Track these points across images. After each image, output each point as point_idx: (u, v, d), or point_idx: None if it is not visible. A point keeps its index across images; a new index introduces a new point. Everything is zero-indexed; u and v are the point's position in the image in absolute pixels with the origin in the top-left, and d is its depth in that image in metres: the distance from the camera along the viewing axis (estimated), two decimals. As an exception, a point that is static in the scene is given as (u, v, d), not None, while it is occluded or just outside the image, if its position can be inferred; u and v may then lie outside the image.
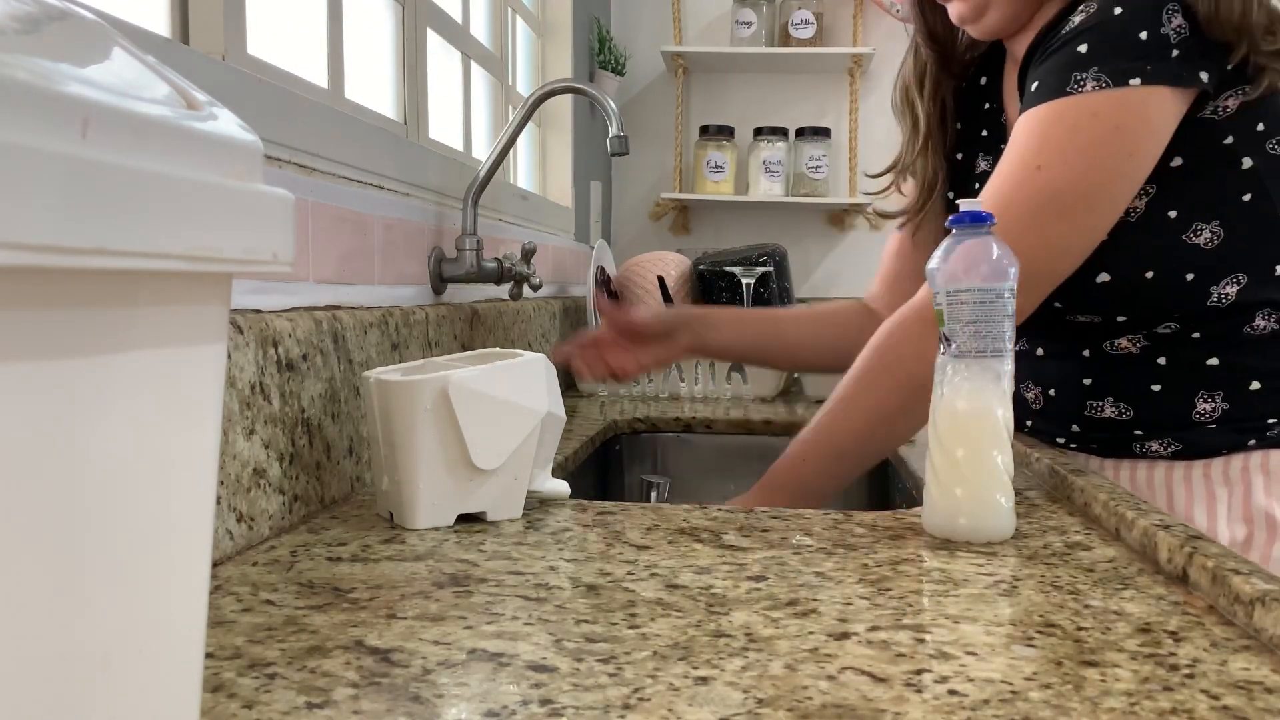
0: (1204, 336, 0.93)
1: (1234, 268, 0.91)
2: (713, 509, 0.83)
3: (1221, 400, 0.93)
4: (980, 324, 0.72)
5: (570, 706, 0.44)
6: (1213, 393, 0.94)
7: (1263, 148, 0.90)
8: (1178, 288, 0.92)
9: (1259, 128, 0.90)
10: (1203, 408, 0.94)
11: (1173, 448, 0.96)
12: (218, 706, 0.44)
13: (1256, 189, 0.90)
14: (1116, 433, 0.99)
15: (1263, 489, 0.92)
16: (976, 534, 0.73)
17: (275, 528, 0.74)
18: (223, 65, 0.82)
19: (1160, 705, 0.45)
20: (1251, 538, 0.92)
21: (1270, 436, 0.93)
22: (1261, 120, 0.90)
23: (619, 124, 1.23)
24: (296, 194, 0.47)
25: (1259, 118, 0.89)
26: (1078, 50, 0.86)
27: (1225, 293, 0.91)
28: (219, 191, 0.30)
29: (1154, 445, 0.97)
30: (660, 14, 2.79)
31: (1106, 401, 0.99)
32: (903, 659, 0.50)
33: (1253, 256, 0.91)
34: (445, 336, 1.16)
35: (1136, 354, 0.96)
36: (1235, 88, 0.88)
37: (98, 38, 0.31)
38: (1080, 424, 1.01)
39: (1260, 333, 0.92)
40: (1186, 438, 0.95)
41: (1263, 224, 0.91)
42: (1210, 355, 0.94)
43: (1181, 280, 0.92)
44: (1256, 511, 0.92)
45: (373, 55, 1.28)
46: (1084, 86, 0.85)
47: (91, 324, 0.27)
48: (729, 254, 1.98)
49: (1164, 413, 0.96)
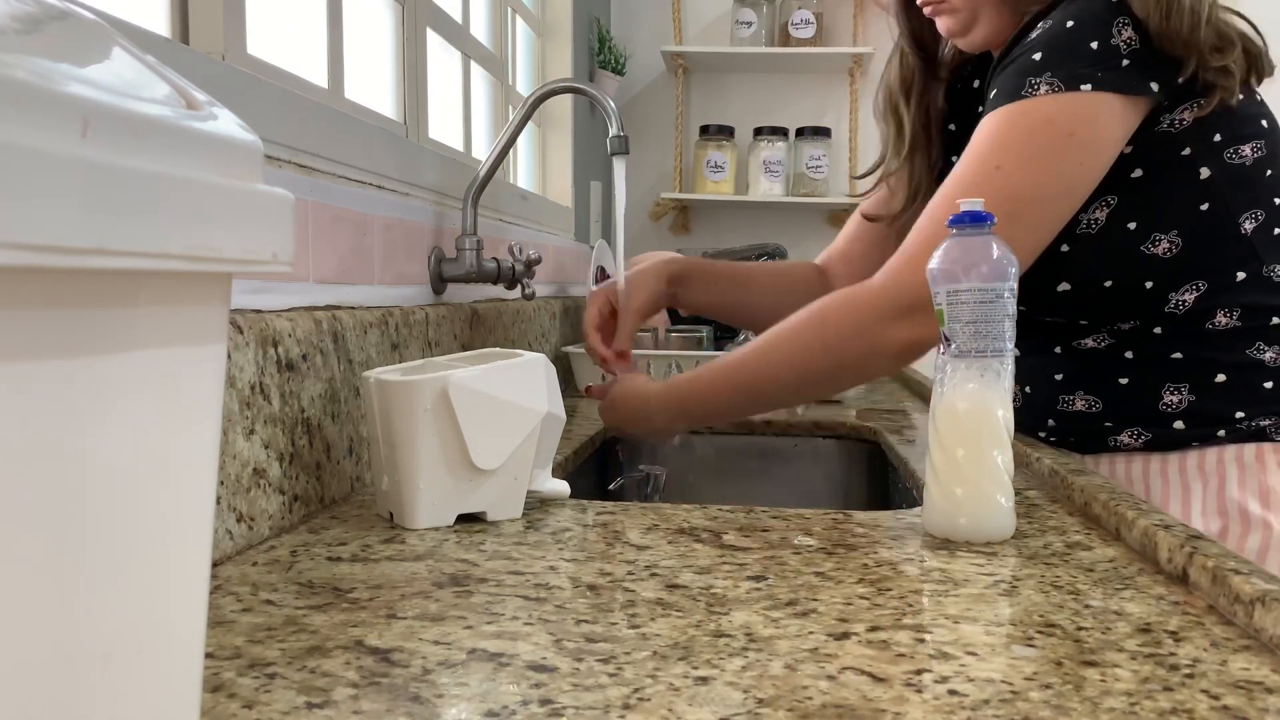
0: (1165, 333, 0.96)
1: (1192, 276, 0.93)
2: (713, 509, 0.83)
3: (1188, 392, 0.95)
4: (980, 324, 0.72)
5: (570, 706, 0.44)
6: (1178, 385, 0.96)
7: (1220, 157, 0.92)
8: (1136, 295, 0.94)
9: (1216, 138, 0.92)
10: (1169, 399, 0.96)
11: (1143, 438, 0.98)
12: (218, 706, 0.44)
13: (1215, 198, 0.92)
14: (1089, 425, 1.01)
15: (1236, 482, 0.94)
16: (976, 534, 0.73)
17: (275, 528, 0.74)
18: (223, 65, 0.82)
19: (1160, 705, 0.45)
20: (1226, 531, 0.93)
21: (1240, 429, 0.94)
22: (1218, 131, 0.91)
23: (619, 124, 1.23)
24: (296, 194, 0.47)
25: (1216, 129, 0.91)
26: (1033, 58, 0.89)
27: (1183, 299, 0.93)
28: (219, 191, 0.30)
29: (1124, 438, 0.99)
30: (660, 14, 2.79)
31: (1077, 395, 1.01)
32: (903, 659, 0.50)
33: (1212, 265, 0.93)
34: (445, 336, 1.16)
35: (1103, 350, 0.99)
36: (1189, 101, 0.90)
37: (98, 38, 0.31)
38: (1055, 418, 1.04)
39: (1222, 328, 0.94)
40: (1156, 429, 0.97)
41: (1221, 233, 0.93)
42: (1173, 350, 0.96)
43: (1140, 288, 0.94)
44: (1230, 504, 0.93)
45: (373, 55, 1.28)
46: (1038, 90, 0.88)
47: (91, 324, 0.27)
48: (729, 254, 1.98)
49: (1132, 405, 0.98)
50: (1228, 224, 0.93)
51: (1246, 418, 0.94)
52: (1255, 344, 0.94)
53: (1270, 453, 0.93)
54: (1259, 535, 0.91)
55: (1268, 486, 0.92)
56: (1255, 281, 0.93)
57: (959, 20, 1.02)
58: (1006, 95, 0.90)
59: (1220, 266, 0.93)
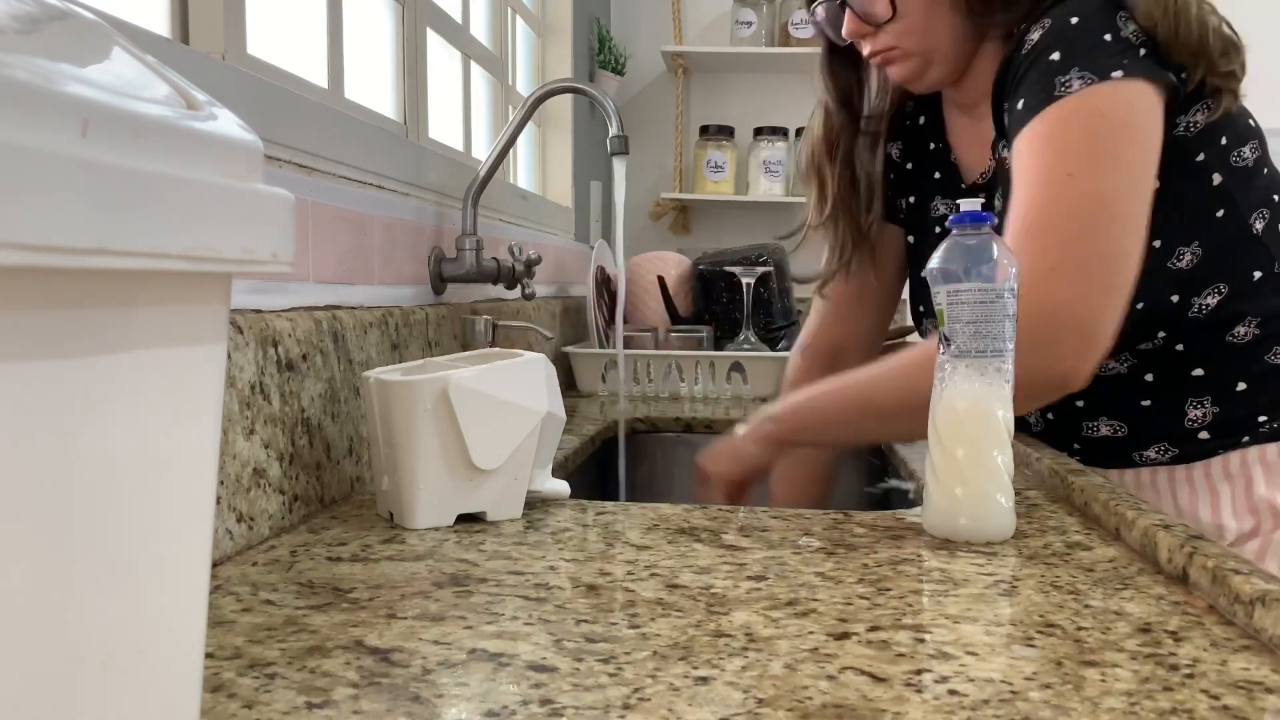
0: (1187, 349, 0.95)
1: (1214, 279, 0.93)
2: (713, 509, 0.83)
3: (1211, 404, 0.95)
4: (980, 324, 0.72)
5: (570, 706, 0.44)
6: (1201, 399, 0.95)
7: (1227, 161, 0.92)
8: (1163, 308, 0.94)
9: (1222, 141, 0.92)
10: (1194, 415, 0.96)
11: (1170, 453, 0.98)
12: (218, 706, 0.44)
13: (1227, 203, 0.92)
14: (1115, 447, 1.01)
15: (1263, 481, 0.94)
16: (976, 534, 0.73)
17: (275, 528, 0.74)
18: (223, 65, 0.82)
19: (1160, 705, 0.45)
20: (1258, 527, 0.94)
21: (1263, 432, 0.95)
22: (1223, 134, 0.91)
23: (619, 124, 1.23)
24: (296, 194, 0.47)
25: (1221, 132, 0.91)
26: (1051, 59, 0.86)
27: (1206, 303, 0.93)
28: (219, 191, 0.30)
29: (1151, 454, 0.99)
30: (660, 14, 2.79)
31: (1101, 421, 1.01)
32: (903, 659, 0.50)
33: (1232, 268, 0.93)
34: (445, 336, 1.16)
35: (1124, 373, 0.98)
36: (1199, 102, 0.90)
37: (98, 38, 0.31)
38: (1080, 443, 1.03)
39: (1242, 340, 0.94)
40: (1182, 444, 0.97)
41: (1237, 236, 0.93)
42: (1195, 366, 0.95)
43: (1167, 301, 0.94)
44: (1260, 502, 0.94)
45: (373, 55, 1.28)
46: (1071, 87, 0.85)
47: (91, 324, 0.27)
48: (729, 254, 1.98)
49: (1157, 426, 0.98)
50: (1242, 227, 0.93)
51: (1269, 420, 0.94)
52: (1273, 349, 0.94)
53: None
54: None
55: None
56: (1270, 281, 0.93)
57: (911, 67, 1.00)
58: (1041, 101, 0.86)
59: (1239, 268, 0.93)
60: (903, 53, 0.99)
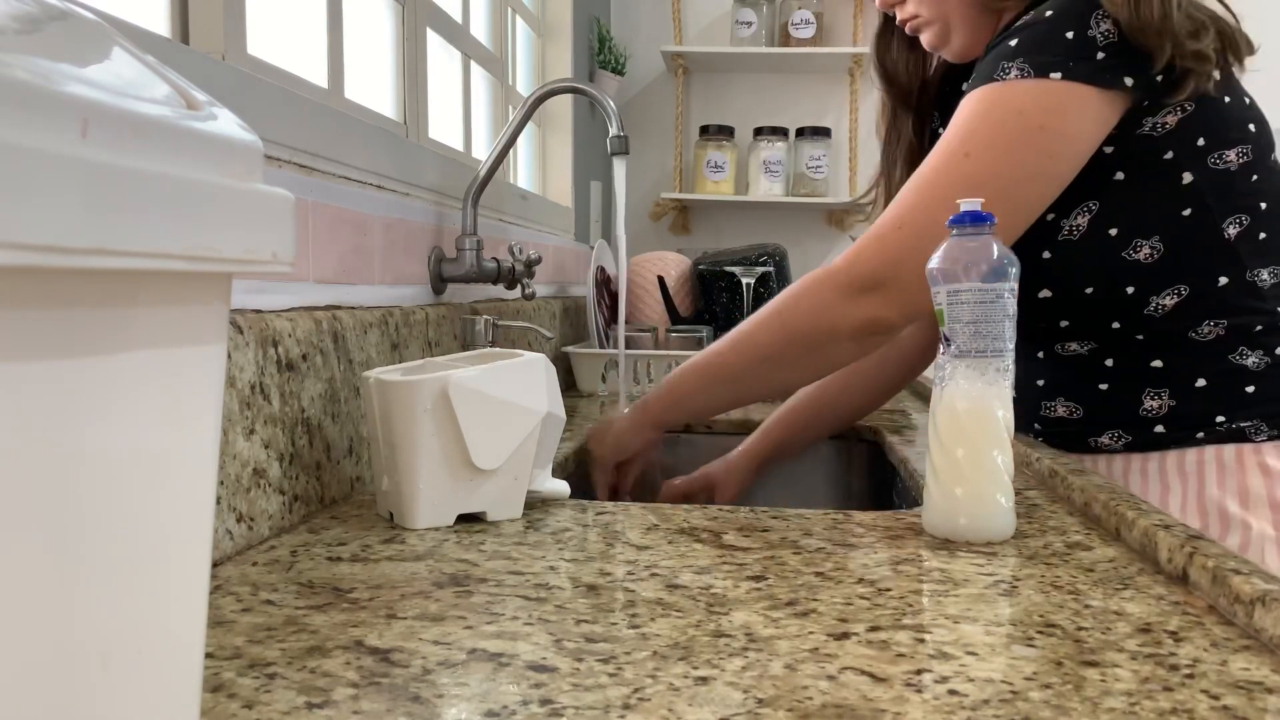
0: (1148, 340, 0.96)
1: (1174, 280, 0.93)
2: (713, 509, 0.83)
3: (1168, 397, 0.95)
4: (980, 324, 0.72)
5: (570, 706, 0.44)
6: (1159, 390, 0.96)
7: (1204, 162, 0.91)
8: (1117, 300, 0.94)
9: (1199, 142, 0.91)
10: (1150, 405, 0.96)
11: (1123, 440, 0.98)
12: (218, 706, 0.44)
13: (1197, 203, 0.92)
14: (1069, 429, 1.02)
15: (1215, 482, 0.94)
16: (976, 534, 0.73)
17: (275, 528, 0.74)
18: (223, 65, 0.82)
19: (1160, 705, 0.45)
20: (1205, 530, 0.93)
21: (1219, 432, 0.94)
22: (1202, 135, 0.91)
23: (619, 124, 1.23)
24: (296, 194, 0.47)
25: (1199, 132, 0.91)
26: (1009, 44, 0.90)
27: (1163, 303, 0.93)
28: (219, 191, 0.30)
29: (1104, 440, 0.99)
30: (660, 14, 2.79)
31: (1058, 401, 1.02)
32: (903, 659, 0.50)
33: (1194, 269, 0.93)
34: (445, 336, 1.16)
35: (1085, 355, 0.99)
36: (1172, 103, 0.89)
37: (98, 38, 0.31)
38: (1039, 423, 1.05)
39: (1204, 337, 0.94)
40: (1136, 432, 0.98)
41: (1203, 238, 0.92)
42: (1155, 357, 0.96)
43: (1122, 293, 0.94)
44: (1210, 504, 0.94)
45: (373, 55, 1.28)
46: (1008, 75, 0.88)
47: (91, 324, 0.27)
48: (729, 254, 1.98)
49: (1112, 410, 0.98)
50: (1210, 230, 0.92)
51: (1226, 420, 0.94)
52: (1238, 349, 0.94)
53: (1250, 454, 0.93)
54: (1238, 535, 0.91)
55: (1246, 487, 0.92)
56: (1238, 287, 0.93)
57: (934, 34, 1.05)
58: (982, 79, 0.91)
59: (1202, 271, 0.93)
60: (924, 20, 1.05)
